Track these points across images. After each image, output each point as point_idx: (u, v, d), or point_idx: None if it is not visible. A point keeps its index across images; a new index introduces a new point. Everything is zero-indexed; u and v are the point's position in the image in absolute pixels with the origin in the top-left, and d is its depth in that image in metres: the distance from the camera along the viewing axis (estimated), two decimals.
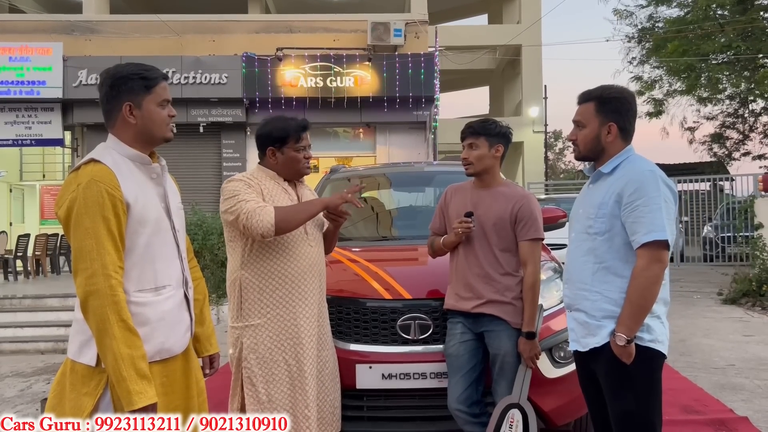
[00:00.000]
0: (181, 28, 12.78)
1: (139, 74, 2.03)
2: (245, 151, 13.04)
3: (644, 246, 2.20)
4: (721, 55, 15.85)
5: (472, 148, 2.97)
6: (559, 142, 49.00)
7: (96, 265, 1.83)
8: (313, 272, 2.70)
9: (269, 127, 2.78)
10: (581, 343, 2.38)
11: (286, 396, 2.62)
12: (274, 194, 2.69)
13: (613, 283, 2.28)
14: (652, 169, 2.26)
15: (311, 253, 2.71)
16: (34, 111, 12.69)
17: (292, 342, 2.64)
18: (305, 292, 2.68)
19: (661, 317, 2.30)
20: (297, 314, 2.65)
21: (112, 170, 1.92)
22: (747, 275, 9.37)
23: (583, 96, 2.42)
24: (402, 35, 12.64)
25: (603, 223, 2.30)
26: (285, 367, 2.63)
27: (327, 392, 2.75)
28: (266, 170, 2.77)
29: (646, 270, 2.19)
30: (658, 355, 2.27)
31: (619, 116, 2.35)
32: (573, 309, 2.44)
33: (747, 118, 19.46)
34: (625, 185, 2.26)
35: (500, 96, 26.78)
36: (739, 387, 4.91)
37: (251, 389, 2.63)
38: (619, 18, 17.74)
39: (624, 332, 2.20)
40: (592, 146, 2.39)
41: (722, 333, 7.03)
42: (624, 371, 2.24)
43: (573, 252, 2.45)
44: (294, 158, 2.73)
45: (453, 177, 4.32)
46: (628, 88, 2.53)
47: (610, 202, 2.28)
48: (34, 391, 5.47)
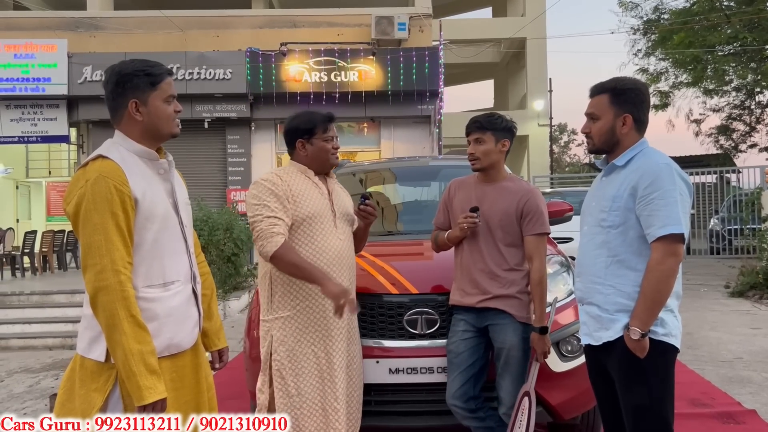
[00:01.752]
0: (185, 24, 12.79)
1: (144, 71, 2.03)
2: (250, 147, 13.06)
3: (659, 239, 2.18)
4: (728, 47, 15.79)
5: (479, 143, 2.96)
6: (564, 135, 48.86)
7: (105, 260, 1.84)
8: (342, 265, 2.71)
9: (297, 121, 2.82)
10: (594, 336, 2.36)
11: (316, 389, 2.62)
12: (303, 190, 2.70)
13: (626, 276, 2.26)
14: (667, 162, 2.25)
15: (340, 246, 2.72)
16: (39, 108, 12.74)
17: (321, 335, 2.65)
18: None
19: (674, 311, 2.28)
20: (326, 307, 2.63)
21: (120, 166, 1.93)
22: (754, 268, 9.33)
23: (596, 88, 2.40)
24: (406, 29, 12.62)
25: (617, 216, 2.28)
26: (314, 360, 2.63)
27: (354, 387, 2.76)
28: (297, 165, 2.81)
29: (661, 263, 2.17)
30: (672, 349, 2.26)
31: (633, 107, 2.33)
32: (585, 302, 2.42)
33: (754, 110, 19.40)
34: (640, 178, 2.23)
35: (505, 89, 26.72)
36: (747, 380, 4.90)
37: (281, 382, 2.63)
38: (625, 10, 17.68)
39: (638, 326, 2.19)
40: (606, 138, 2.36)
41: (729, 326, 7.01)
42: (637, 365, 2.22)
43: (585, 245, 2.42)
44: (323, 148, 2.77)
45: (458, 171, 4.32)
46: (641, 80, 2.51)
47: (625, 195, 2.26)
48: (42, 386, 5.50)
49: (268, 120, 12.96)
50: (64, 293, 8.84)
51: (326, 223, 2.70)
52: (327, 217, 2.72)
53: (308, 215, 2.66)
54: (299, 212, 2.66)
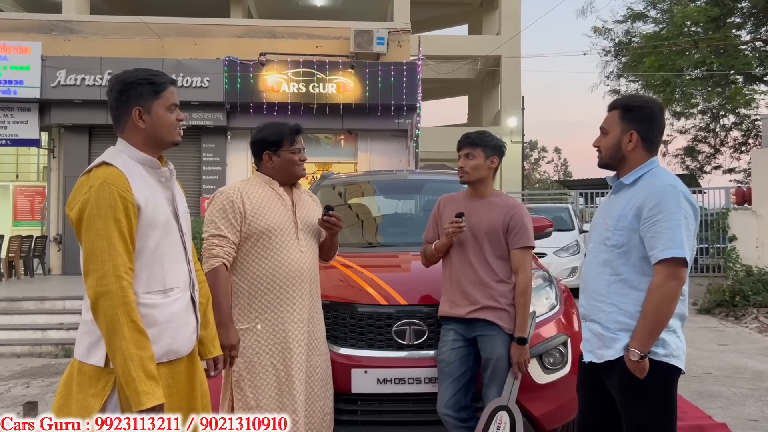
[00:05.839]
0: (163, 31, 12.70)
1: (148, 79, 2.07)
2: (225, 155, 12.99)
3: (662, 262, 2.17)
4: (695, 71, 16.26)
5: (468, 158, 3.04)
6: (534, 152, 49.56)
7: (107, 266, 1.84)
8: (302, 278, 2.73)
9: (264, 132, 2.86)
10: (596, 354, 2.35)
11: (274, 401, 2.63)
12: (265, 202, 2.73)
13: (629, 295, 2.26)
14: (674, 184, 2.24)
15: (301, 258, 2.74)
16: (10, 111, 12.48)
17: (280, 347, 2.67)
18: (294, 297, 2.70)
19: (677, 331, 2.27)
20: (285, 319, 2.68)
21: (124, 173, 1.94)
22: (721, 286, 9.58)
23: (611, 104, 2.44)
24: (385, 43, 12.72)
25: (621, 235, 2.28)
26: (273, 372, 2.65)
27: (316, 398, 2.77)
28: (262, 176, 2.84)
29: (663, 286, 2.17)
30: (673, 370, 2.25)
31: (641, 125, 2.33)
32: (588, 320, 2.42)
33: (718, 133, 19.99)
34: (645, 199, 2.23)
35: (479, 106, 27.03)
36: (717, 394, 5.04)
37: (240, 393, 2.65)
38: (598, 35, 18.11)
39: (638, 347, 2.18)
40: (612, 153, 2.38)
41: (698, 342, 7.19)
42: (638, 385, 2.22)
43: (590, 262, 2.43)
44: (290, 160, 2.80)
45: (441, 185, 4.40)
46: (657, 100, 2.52)
47: (630, 215, 2.26)
48: (13, 394, 5.38)
49: (245, 129, 12.89)
50: (32, 300, 8.66)
51: (287, 236, 2.73)
52: (288, 229, 2.74)
53: (267, 228, 2.69)
54: (258, 225, 2.69)
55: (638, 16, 17.33)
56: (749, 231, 10.40)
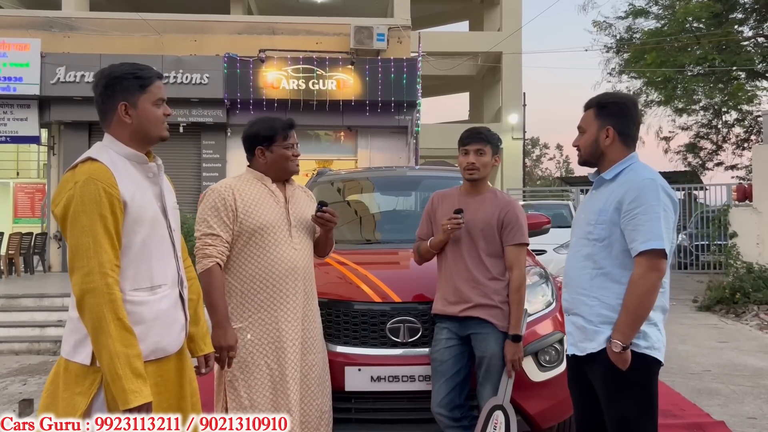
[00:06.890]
0: (162, 27, 12.67)
1: (134, 74, 2.03)
2: (225, 152, 12.97)
3: (642, 254, 2.21)
4: (697, 67, 16.19)
5: (480, 155, 3.00)
6: (536, 149, 49.49)
7: (93, 263, 1.82)
8: (296, 276, 2.69)
9: (256, 127, 2.80)
10: (579, 347, 2.39)
11: (268, 400, 2.61)
12: (257, 200, 2.69)
13: (611, 289, 2.30)
14: (653, 178, 2.28)
15: (294, 256, 2.70)
16: (9, 107, 12.47)
17: (273, 346, 2.64)
18: (287, 295, 2.67)
19: (658, 324, 2.31)
20: (278, 318, 2.65)
21: (110, 168, 1.92)
22: (721, 283, 9.55)
23: (586, 103, 2.48)
24: (385, 40, 12.68)
25: (602, 229, 2.33)
26: (267, 371, 2.63)
27: (313, 397, 2.74)
28: (254, 172, 2.79)
29: (643, 278, 2.21)
30: (654, 362, 2.29)
31: (616, 120, 2.38)
32: (571, 313, 2.46)
33: (720, 129, 19.92)
34: (625, 193, 2.28)
35: (480, 102, 26.98)
36: (715, 392, 5.01)
37: (233, 393, 2.62)
38: (599, 30, 18.03)
39: (620, 339, 2.22)
40: (591, 150, 2.43)
41: (698, 339, 7.16)
42: (620, 377, 2.26)
43: (572, 257, 2.47)
44: (282, 155, 2.74)
45: (439, 181, 4.36)
46: (631, 96, 2.59)
47: (610, 209, 2.31)
48: (10, 392, 5.37)
49: (244, 126, 12.85)
50: (32, 297, 8.67)
51: (280, 233, 2.68)
52: (281, 226, 2.70)
53: (259, 226, 2.65)
54: (250, 223, 2.65)
55: (640, 12, 17.25)
56: (750, 228, 10.36)
